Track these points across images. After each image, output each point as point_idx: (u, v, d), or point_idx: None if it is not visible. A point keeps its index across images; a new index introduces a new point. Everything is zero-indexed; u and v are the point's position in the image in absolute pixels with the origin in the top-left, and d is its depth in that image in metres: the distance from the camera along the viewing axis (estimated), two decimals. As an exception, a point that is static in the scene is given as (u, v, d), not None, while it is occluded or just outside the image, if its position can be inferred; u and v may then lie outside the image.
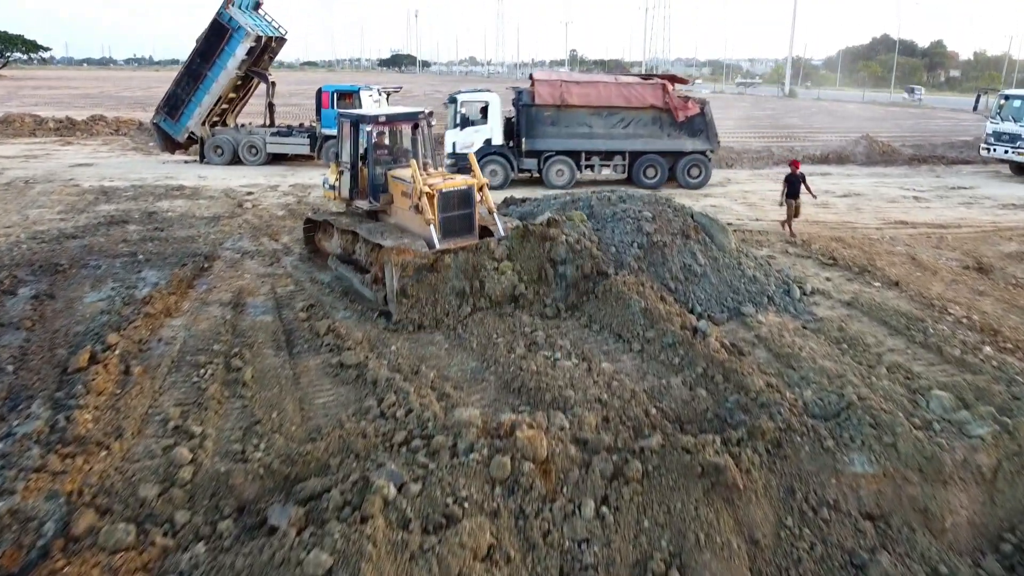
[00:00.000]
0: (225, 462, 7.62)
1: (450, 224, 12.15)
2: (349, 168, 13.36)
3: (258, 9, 27.61)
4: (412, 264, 11.13)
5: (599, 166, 23.44)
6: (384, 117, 13.13)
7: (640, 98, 22.93)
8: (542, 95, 22.72)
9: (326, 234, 14.40)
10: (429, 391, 9.02)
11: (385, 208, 13.14)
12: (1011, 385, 9.50)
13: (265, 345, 10.45)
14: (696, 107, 23.20)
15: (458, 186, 12.29)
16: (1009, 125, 27.85)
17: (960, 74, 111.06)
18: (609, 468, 7.42)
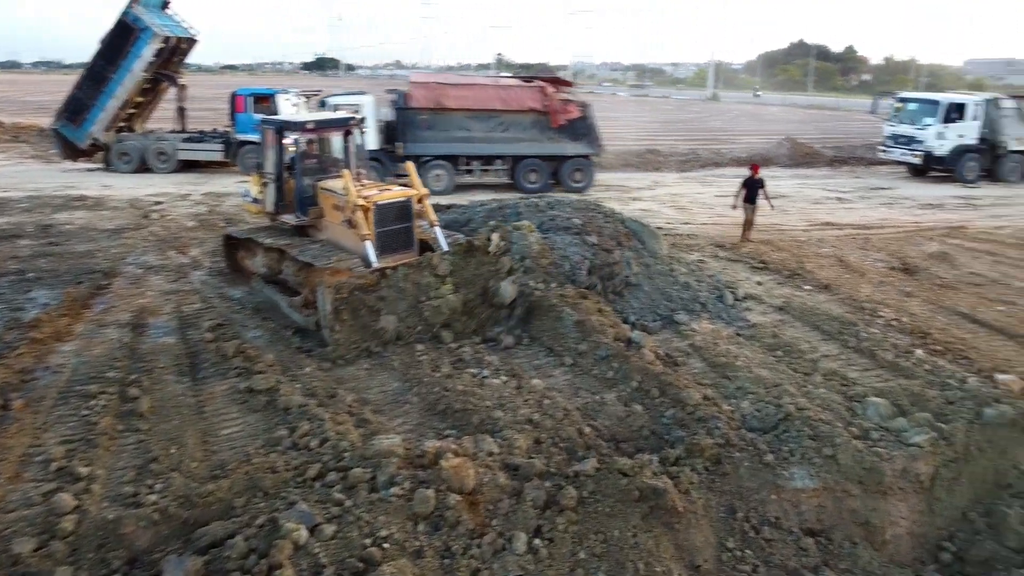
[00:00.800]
0: (115, 508, 6.80)
1: (387, 239, 11.17)
2: (274, 179, 12.29)
3: (166, 8, 26.33)
4: (348, 285, 10.16)
5: (479, 170, 22.87)
6: (312, 124, 12.14)
7: (519, 101, 22.51)
8: (418, 98, 22.11)
9: (249, 252, 13.17)
10: (346, 417, 8.34)
11: (315, 223, 12.13)
12: (944, 389, 9.39)
13: (166, 371, 9.58)
14: (577, 110, 22.80)
15: (396, 198, 11.38)
16: (905, 128, 28.38)
17: (872, 78, 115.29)
18: (542, 496, 6.91)
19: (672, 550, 6.91)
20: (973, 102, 27.18)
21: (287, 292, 11.85)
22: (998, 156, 27.43)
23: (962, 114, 26.92)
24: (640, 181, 26.73)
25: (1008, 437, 8.68)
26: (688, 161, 31.41)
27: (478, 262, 11.07)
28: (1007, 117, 27.08)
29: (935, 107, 27.42)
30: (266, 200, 12.62)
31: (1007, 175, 27.50)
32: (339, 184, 11.35)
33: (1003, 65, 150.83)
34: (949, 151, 26.95)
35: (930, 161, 27.45)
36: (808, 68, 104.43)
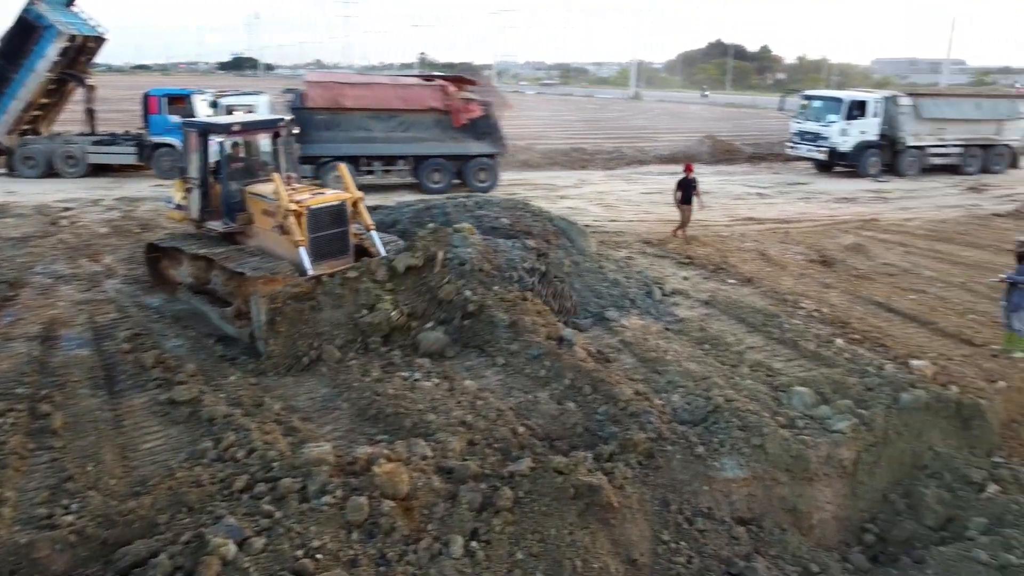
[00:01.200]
0: (27, 531, 6.42)
1: (321, 245, 10.72)
2: (198, 185, 11.71)
3: (71, 6, 25.16)
4: (282, 295, 9.69)
5: (381, 171, 22.45)
6: (239, 126, 11.64)
7: (419, 100, 22.22)
8: (314, 98, 21.63)
9: (173, 261, 12.51)
10: (274, 426, 8.11)
11: (243, 229, 11.61)
12: (864, 376, 9.71)
13: (80, 384, 9.14)
14: (479, 109, 22.55)
15: (329, 202, 10.97)
16: (811, 124, 29.04)
17: (786, 77, 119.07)
18: (477, 498, 6.85)
19: (608, 546, 6.94)
20: (873, 99, 28.01)
21: (217, 302, 11.29)
22: (897, 152, 28.38)
23: (863, 111, 27.72)
24: (567, 179, 26.90)
25: (923, 420, 9.04)
26: (613, 159, 31.77)
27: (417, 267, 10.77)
28: (904, 114, 27.95)
29: (838, 104, 28.11)
30: (190, 206, 12.05)
31: (906, 169, 28.49)
32: (269, 188, 10.90)
33: (907, 64, 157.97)
34: (852, 147, 27.82)
35: (834, 157, 28.24)
36: (726, 67, 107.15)
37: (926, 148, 28.80)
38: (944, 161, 29.39)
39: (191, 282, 11.99)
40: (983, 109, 29.55)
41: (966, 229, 18.71)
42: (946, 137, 29.06)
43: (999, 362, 10.39)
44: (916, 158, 28.71)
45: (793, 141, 29.92)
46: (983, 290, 13.39)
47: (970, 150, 29.63)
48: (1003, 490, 8.36)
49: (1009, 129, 30.13)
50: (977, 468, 8.65)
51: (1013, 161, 30.93)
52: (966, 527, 7.92)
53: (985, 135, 29.83)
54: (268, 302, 9.56)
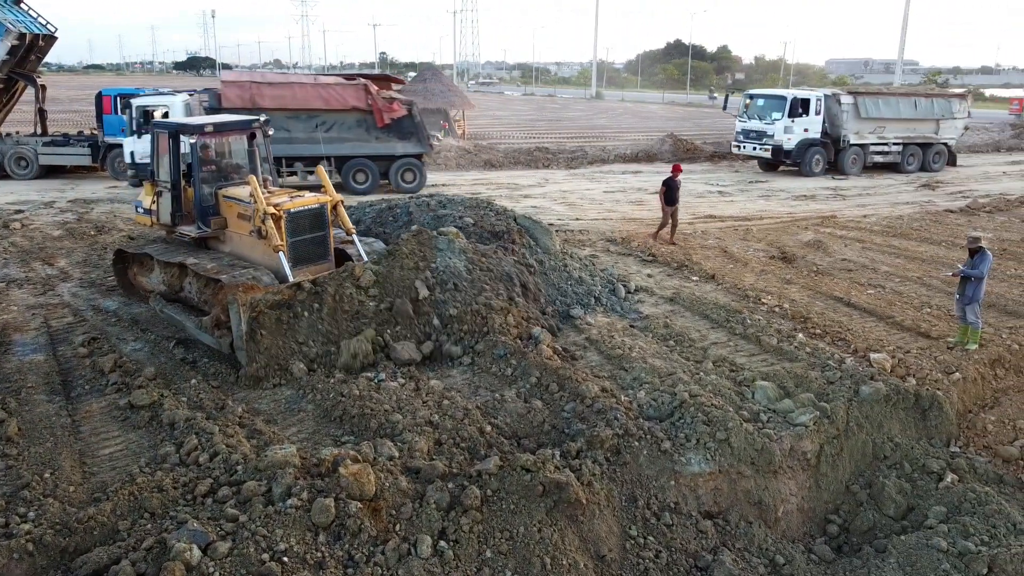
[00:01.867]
0: (-18, 541, 6.22)
1: (301, 250, 10.40)
2: (169, 188, 11.25)
3: (20, 4, 24.49)
4: (263, 302, 9.25)
5: (304, 172, 21.72)
6: (211, 126, 11.16)
7: (340, 100, 21.70)
8: (230, 98, 21.00)
9: (144, 268, 12.05)
10: (237, 429, 7.97)
11: (218, 234, 11.20)
12: (825, 370, 9.88)
13: (36, 390, 8.89)
14: (402, 109, 22.18)
15: (308, 205, 10.64)
16: (755, 123, 28.95)
17: (744, 77, 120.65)
18: (445, 498, 6.81)
19: (577, 542, 6.96)
20: (816, 97, 28.01)
21: (192, 311, 10.83)
22: (840, 150, 28.58)
23: (807, 109, 27.74)
24: (530, 179, 26.91)
25: (883, 412, 9.23)
26: (576, 158, 31.89)
27: (402, 269, 10.37)
28: (846, 112, 28.02)
29: (782, 102, 28.13)
30: (161, 211, 11.59)
31: (848, 167, 28.71)
32: (244, 191, 10.55)
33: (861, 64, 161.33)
34: (796, 145, 27.85)
35: (778, 155, 28.26)
36: (686, 67, 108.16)
37: (868, 146, 29.11)
38: (885, 159, 29.71)
39: (163, 290, 11.53)
40: (921, 108, 29.75)
41: (921, 225, 19.10)
42: (886, 136, 29.37)
43: (954, 354, 10.64)
44: (858, 156, 28.99)
45: (738, 140, 29.91)
46: (938, 284, 13.69)
47: (909, 148, 29.90)
48: (960, 479, 8.56)
49: (946, 128, 30.40)
50: (936, 458, 8.84)
51: (951, 159, 31.17)
52: (926, 516, 8.09)
53: (923, 134, 30.10)
54: (248, 310, 9.11)
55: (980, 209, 21.27)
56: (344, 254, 11.10)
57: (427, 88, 37.43)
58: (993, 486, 8.54)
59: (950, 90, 40.16)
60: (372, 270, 10.08)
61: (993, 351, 10.77)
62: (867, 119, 28.50)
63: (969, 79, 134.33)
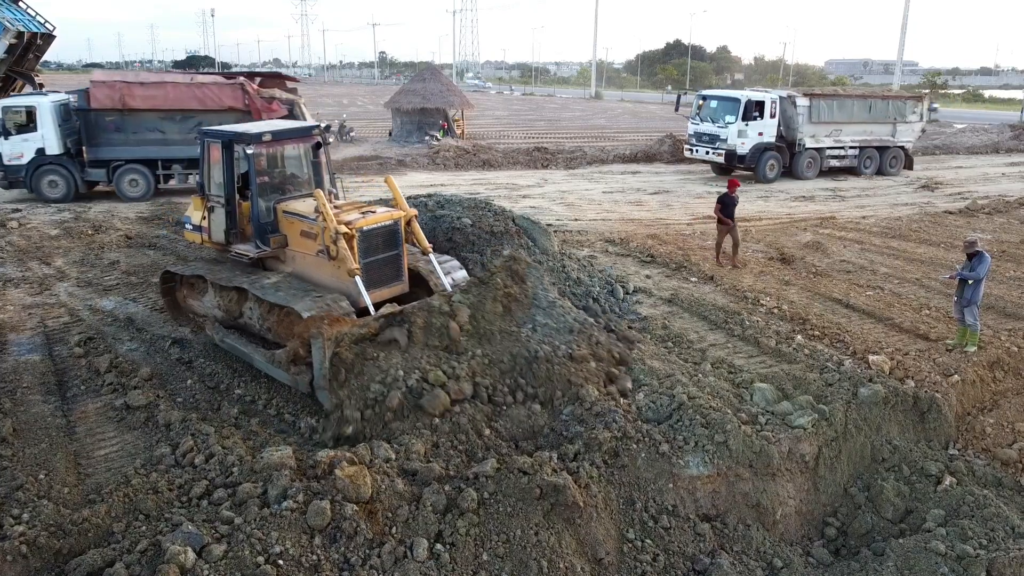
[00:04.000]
0: (-25, 543, 6.19)
1: (373, 271, 9.38)
2: (224, 203, 10.17)
3: (18, 2, 24.46)
4: (349, 336, 8.24)
5: (182, 174, 21.09)
6: (270, 135, 10.01)
7: (216, 100, 20.95)
8: (99, 99, 20.17)
9: (194, 290, 11.01)
10: (233, 430, 7.94)
11: (277, 253, 10.17)
12: (823, 372, 9.86)
13: (31, 390, 8.88)
14: (282, 109, 21.24)
15: (382, 221, 9.56)
16: (708, 126, 27.45)
17: (744, 77, 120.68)
18: (442, 501, 6.79)
19: (574, 545, 6.93)
20: (771, 99, 26.69)
21: (258, 341, 9.78)
22: (794, 153, 27.33)
23: (761, 112, 26.40)
24: (528, 179, 26.88)
25: (881, 414, 9.20)
26: (575, 159, 31.85)
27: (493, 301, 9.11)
28: (802, 115, 26.88)
29: (735, 105, 26.60)
30: (212, 228, 10.47)
31: (803, 172, 27.48)
32: (306, 206, 9.68)
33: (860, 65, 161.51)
34: (750, 149, 26.47)
35: (732, 159, 26.72)
36: (685, 68, 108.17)
37: (824, 150, 27.96)
38: (841, 163, 28.58)
39: (221, 315, 10.47)
40: (876, 111, 28.82)
41: (920, 227, 19.07)
42: (843, 139, 28.29)
43: (953, 356, 10.61)
44: (814, 160, 27.84)
45: (690, 143, 28.49)
46: (937, 286, 13.66)
47: (866, 152, 28.85)
48: (959, 482, 8.54)
49: (903, 131, 29.47)
50: (934, 461, 8.82)
51: (908, 163, 30.16)
52: (924, 519, 8.06)
53: (880, 136, 29.14)
54: (334, 345, 8.07)
55: (979, 211, 21.25)
56: (418, 274, 10.12)
57: (426, 88, 37.40)
58: (992, 489, 8.52)
59: (906, 92, 38.76)
60: (466, 303, 8.96)
61: (992, 353, 10.74)
62: (823, 122, 27.54)
63: (968, 80, 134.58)
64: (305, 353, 8.53)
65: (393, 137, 37.90)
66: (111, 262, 14.18)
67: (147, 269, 13.70)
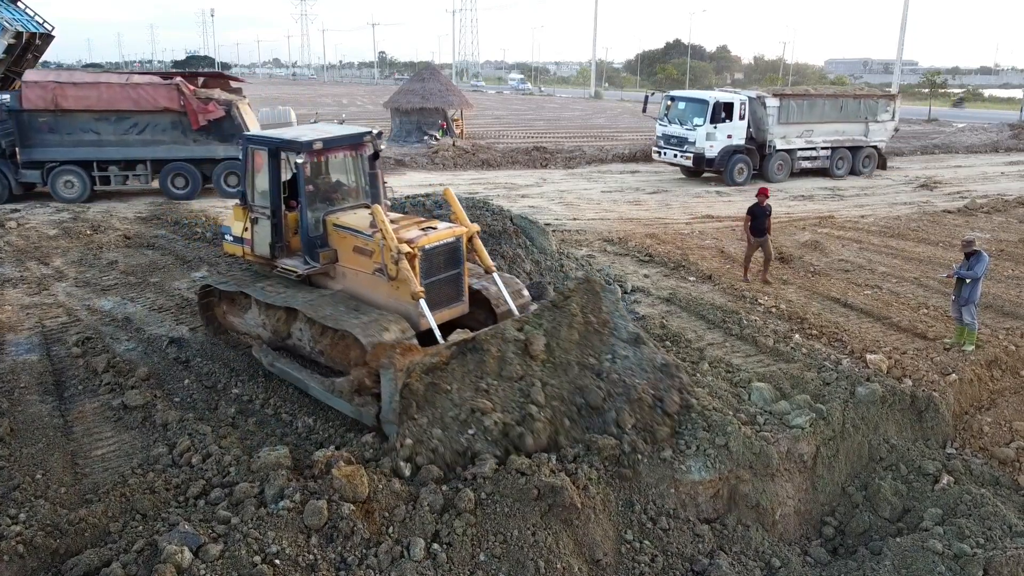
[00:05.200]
0: (-29, 543, 6.19)
1: (434, 291, 8.68)
2: (268, 215, 9.54)
3: (17, 2, 24.44)
4: (420, 366, 7.66)
5: (118, 176, 20.72)
6: (321, 143, 9.24)
7: (151, 100, 20.36)
8: (31, 99, 19.65)
9: (235, 305, 10.31)
10: (230, 430, 7.94)
11: (326, 269, 9.50)
12: (821, 371, 9.85)
13: (29, 390, 8.88)
14: (219, 110, 20.82)
15: (444, 239, 8.88)
16: (676, 128, 26.59)
17: (744, 76, 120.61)
18: (439, 501, 6.77)
19: (572, 546, 6.90)
20: (740, 101, 26.05)
21: (313, 367, 9.13)
22: (764, 155, 26.65)
23: (730, 114, 25.70)
24: (527, 178, 26.87)
25: (879, 413, 9.21)
26: (574, 158, 31.84)
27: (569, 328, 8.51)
28: (772, 116, 26.19)
29: (704, 107, 25.77)
30: (256, 241, 9.81)
31: (773, 175, 26.72)
32: (360, 220, 9.09)
33: (860, 64, 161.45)
34: (719, 152, 25.74)
35: (700, 163, 26.01)
36: (685, 67, 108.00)
37: (795, 151, 27.27)
38: (813, 164, 27.91)
39: (268, 335, 9.77)
40: (848, 110, 28.18)
41: (918, 226, 19.08)
42: (814, 139, 27.62)
43: (951, 355, 10.61)
44: (785, 162, 27.12)
45: (658, 145, 27.69)
46: (935, 285, 13.66)
47: (838, 152, 28.23)
48: (956, 481, 8.54)
49: (876, 131, 28.90)
50: (931, 460, 8.83)
51: (881, 163, 29.74)
52: (921, 518, 8.07)
53: (852, 137, 28.55)
54: (404, 376, 7.48)
55: (978, 210, 21.25)
56: (479, 293, 9.47)
57: (425, 88, 37.38)
58: (989, 488, 8.52)
59: (879, 91, 37.92)
60: (541, 330, 8.37)
61: (990, 352, 10.74)
62: (794, 123, 26.86)
63: (968, 79, 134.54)
64: (372, 383, 7.85)
65: (392, 137, 37.91)
66: (109, 262, 14.17)
67: (145, 269, 13.70)
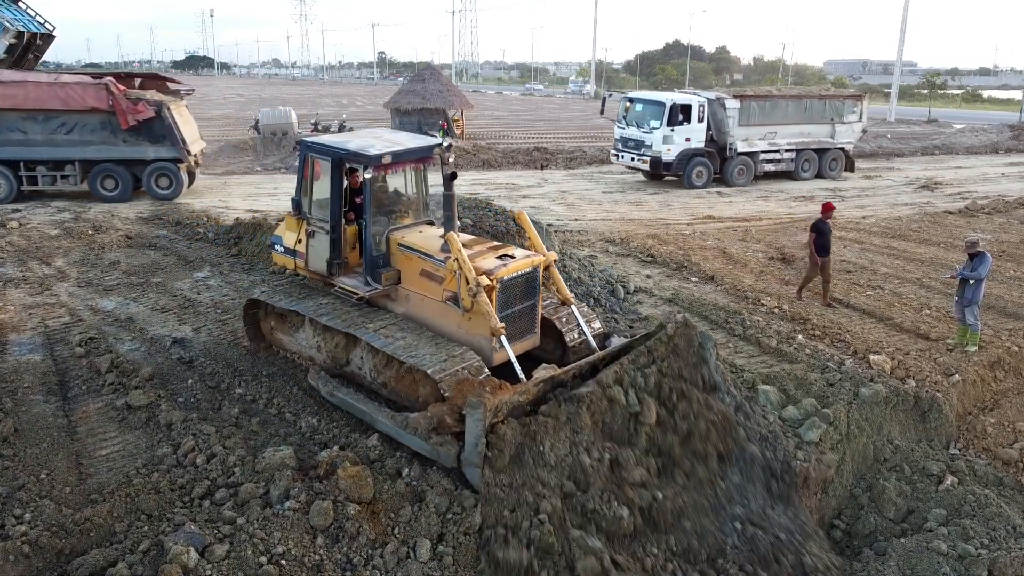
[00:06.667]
0: (-23, 543, 6.19)
1: (509, 324, 8.06)
2: (327, 230, 8.94)
3: (18, 2, 24.42)
4: (507, 406, 7.06)
5: (46, 177, 20.08)
6: (391, 157, 8.55)
7: (79, 100, 19.76)
8: None
9: (285, 322, 9.70)
10: (234, 430, 7.93)
11: (388, 291, 8.92)
12: (824, 372, 9.86)
13: (32, 391, 8.86)
14: (149, 110, 20.13)
15: (522, 269, 8.30)
16: (633, 131, 25.76)
17: (743, 77, 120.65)
18: (444, 502, 6.76)
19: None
20: (698, 103, 25.17)
21: (377, 397, 8.52)
22: (725, 159, 25.84)
23: (688, 116, 24.89)
24: (528, 179, 26.88)
25: (883, 414, 9.22)
26: (575, 159, 31.85)
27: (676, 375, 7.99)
28: (732, 118, 25.35)
29: (660, 109, 24.90)
30: (311, 256, 9.25)
31: (735, 178, 26.03)
32: (428, 241, 8.59)
33: (859, 65, 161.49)
34: (676, 156, 24.93)
35: (657, 167, 25.23)
36: (684, 67, 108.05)
37: (757, 154, 26.39)
38: (777, 167, 27.03)
39: (324, 360, 9.17)
40: (813, 111, 27.39)
41: (919, 227, 19.08)
42: (778, 142, 26.68)
43: (954, 356, 10.62)
44: (746, 166, 26.24)
45: (616, 148, 26.87)
46: (937, 286, 13.66)
47: (804, 155, 27.31)
48: (960, 481, 8.55)
49: (842, 132, 28.09)
50: (935, 460, 8.84)
51: (849, 165, 28.82)
52: (925, 519, 8.08)
53: (818, 138, 27.68)
54: (491, 416, 6.86)
55: (979, 211, 21.25)
56: (552, 325, 8.88)
57: (425, 88, 37.41)
58: (993, 488, 8.53)
59: (845, 91, 36.87)
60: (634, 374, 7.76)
61: (992, 353, 10.75)
62: (756, 124, 26.02)
63: (967, 80, 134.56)
64: (455, 423, 7.21)
65: (392, 137, 37.90)
66: (111, 262, 14.16)
67: (147, 269, 13.68)
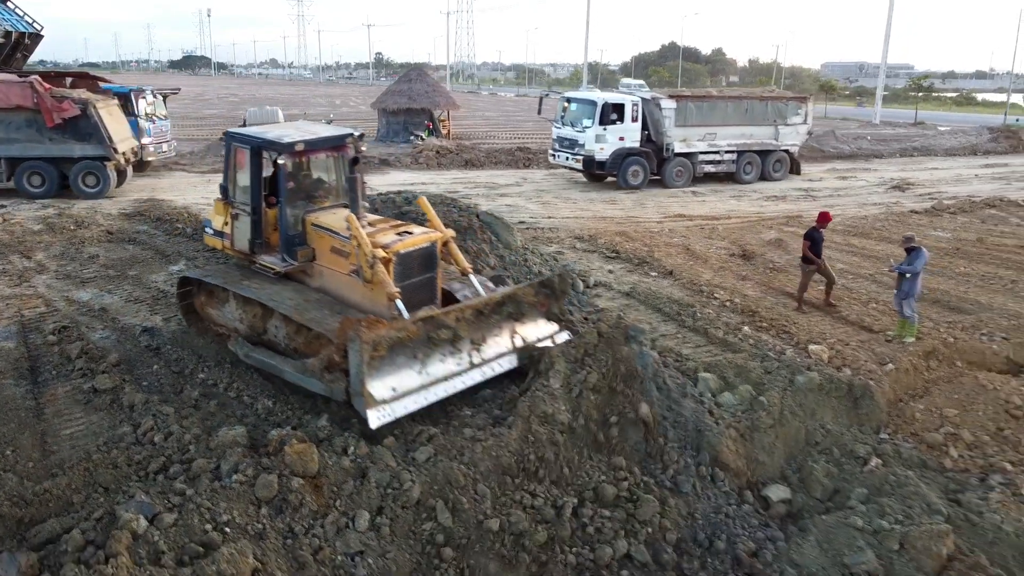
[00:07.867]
0: (-59, 513, 6.62)
1: (408, 294, 8.85)
2: (248, 212, 9.85)
3: (6, 2, 24.82)
4: (387, 340, 7.87)
5: None
6: (303, 145, 9.48)
7: (3, 98, 20.11)
8: None
9: (214, 298, 10.44)
10: (192, 411, 8.37)
11: (304, 267, 9.78)
12: (764, 360, 10.26)
13: (4, 375, 9.28)
14: (74, 108, 20.41)
15: (419, 244, 9.19)
16: (568, 130, 25.90)
17: (738, 79, 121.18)
18: (385, 478, 7.18)
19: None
20: (631, 102, 25.23)
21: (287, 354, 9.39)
22: (663, 159, 25.77)
23: (621, 115, 24.92)
24: (508, 178, 27.31)
25: (816, 400, 9.61)
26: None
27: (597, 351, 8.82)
28: (668, 118, 25.26)
29: (592, 108, 25.05)
30: (236, 237, 10.16)
31: (672, 180, 25.99)
32: (338, 221, 9.30)
33: (856, 68, 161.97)
34: (610, 156, 24.96)
35: (591, 166, 25.34)
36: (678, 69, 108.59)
37: (696, 155, 26.28)
38: (718, 169, 26.93)
39: (244, 330, 9.97)
40: (754, 113, 27.21)
41: (883, 225, 19.52)
42: (718, 143, 26.55)
43: (891, 346, 11.05)
44: (684, 167, 26.16)
45: (553, 148, 26.95)
46: (888, 281, 14.11)
47: (745, 156, 27.12)
48: (884, 463, 8.95)
49: (786, 134, 27.89)
50: (863, 444, 9.23)
51: (794, 167, 28.69)
52: (848, 498, 8.49)
53: (761, 140, 27.44)
54: (371, 348, 7.64)
55: (944, 210, 21.72)
56: (451, 295, 9.65)
57: (411, 89, 37.82)
58: (916, 470, 8.91)
59: (788, 93, 36.31)
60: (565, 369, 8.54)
61: (928, 344, 11.17)
62: (694, 125, 25.90)
63: (963, 83, 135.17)
64: (340, 359, 8.02)
65: (379, 137, 38.34)
66: (91, 256, 14.58)
67: (125, 263, 14.11)
